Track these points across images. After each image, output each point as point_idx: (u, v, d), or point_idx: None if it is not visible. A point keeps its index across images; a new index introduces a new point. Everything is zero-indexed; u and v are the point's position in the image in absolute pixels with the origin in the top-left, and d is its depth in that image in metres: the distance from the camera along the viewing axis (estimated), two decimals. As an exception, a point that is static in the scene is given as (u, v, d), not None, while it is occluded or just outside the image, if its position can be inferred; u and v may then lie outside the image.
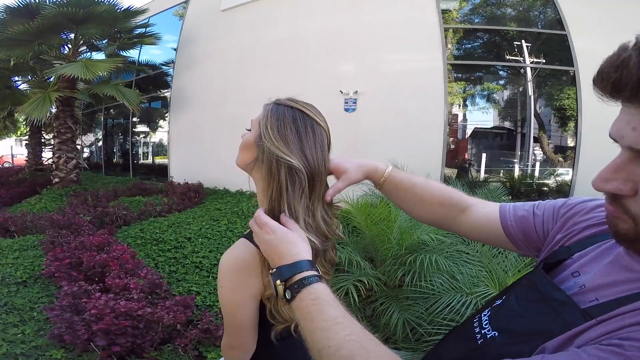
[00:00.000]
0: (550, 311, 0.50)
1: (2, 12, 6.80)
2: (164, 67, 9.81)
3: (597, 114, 5.53)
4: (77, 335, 2.13)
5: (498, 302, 0.62)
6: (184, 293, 2.74)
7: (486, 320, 0.59)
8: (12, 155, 16.92)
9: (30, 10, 6.62)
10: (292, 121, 0.77)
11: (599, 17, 5.83)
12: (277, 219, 0.73)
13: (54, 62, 7.27)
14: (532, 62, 6.11)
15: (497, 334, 0.55)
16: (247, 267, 0.74)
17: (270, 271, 0.67)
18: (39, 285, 3.12)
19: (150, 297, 2.55)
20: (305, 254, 0.66)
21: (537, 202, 0.72)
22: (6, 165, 15.98)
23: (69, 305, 2.43)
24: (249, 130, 0.85)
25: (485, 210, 0.76)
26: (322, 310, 0.58)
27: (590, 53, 5.64)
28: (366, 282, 2.28)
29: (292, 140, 0.75)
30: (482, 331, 0.57)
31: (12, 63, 6.93)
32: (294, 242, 0.67)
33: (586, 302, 0.49)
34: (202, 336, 2.18)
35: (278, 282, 0.64)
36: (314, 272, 0.64)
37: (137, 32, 8.21)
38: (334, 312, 0.57)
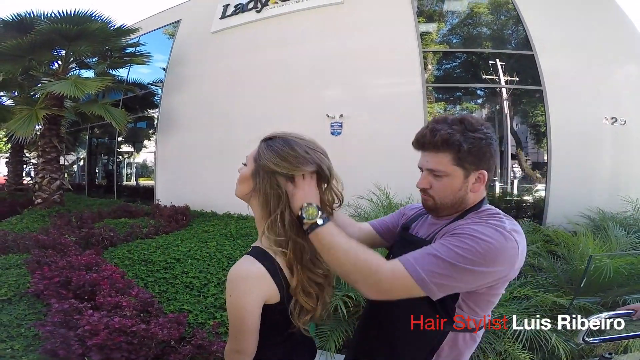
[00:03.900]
0: (411, 246, 1.02)
1: None
2: (152, 86, 10.04)
3: (565, 132, 6.02)
4: (72, 350, 2.26)
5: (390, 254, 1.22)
6: (175, 312, 2.88)
7: None
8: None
9: (25, 25, 6.89)
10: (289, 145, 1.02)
11: (563, 37, 6.41)
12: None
13: (43, 78, 7.45)
14: (504, 82, 6.62)
15: None
16: (252, 277, 0.96)
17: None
18: (24, 303, 3.20)
19: (142, 315, 2.69)
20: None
21: (387, 216, 1.38)
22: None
23: (61, 322, 2.56)
24: (245, 164, 1.07)
25: (365, 229, 1.34)
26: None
27: (555, 72, 6.19)
28: (354, 298, 2.49)
29: (296, 154, 1.00)
30: None
31: (1, 78, 7.10)
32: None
33: (424, 238, 1.11)
34: (195, 352, 2.33)
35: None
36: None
37: (127, 50, 8.50)
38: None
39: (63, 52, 7.46)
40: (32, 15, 7.00)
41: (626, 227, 4.33)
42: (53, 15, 6.97)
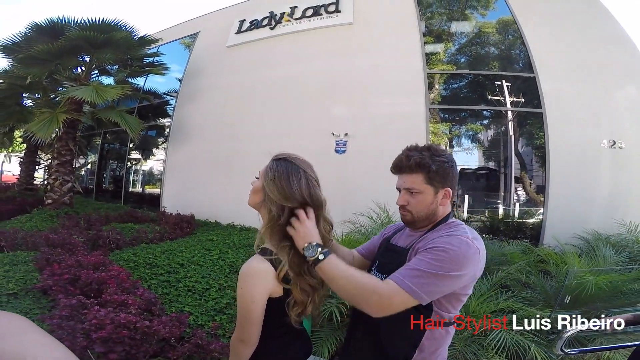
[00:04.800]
0: (398, 255, 1.31)
1: (29, 28, 7.42)
2: (166, 96, 10.38)
3: (564, 154, 6.10)
4: (77, 342, 2.40)
5: (374, 266, 1.43)
6: (177, 312, 3.01)
7: (376, 272, 1.37)
8: (1, 172, 17.11)
9: (55, 30, 7.27)
10: (286, 172, 1.22)
11: (564, 60, 6.55)
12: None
13: (65, 82, 7.78)
14: (505, 105, 6.77)
15: (384, 275, 1.25)
16: (261, 273, 1.15)
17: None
18: (30, 297, 3.34)
19: (144, 314, 2.83)
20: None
21: (370, 241, 1.65)
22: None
23: (68, 316, 2.70)
24: (258, 178, 1.28)
25: (356, 255, 1.61)
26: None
27: (555, 94, 6.32)
28: (348, 305, 2.62)
29: (284, 186, 1.19)
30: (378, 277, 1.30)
31: (28, 81, 7.39)
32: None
33: (404, 247, 1.33)
34: (194, 350, 2.45)
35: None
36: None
37: (147, 60, 8.86)
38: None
39: (87, 59, 7.77)
40: (64, 22, 7.37)
41: (618, 248, 4.44)
42: (83, 22, 7.34)
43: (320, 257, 1.14)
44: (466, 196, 7.10)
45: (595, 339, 2.02)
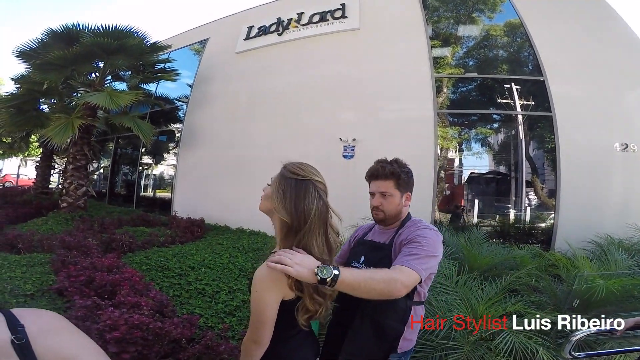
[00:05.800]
0: (379, 250, 1.67)
1: (46, 34, 7.60)
2: (177, 102, 10.54)
3: (575, 158, 6.02)
4: (92, 341, 2.47)
5: (356, 263, 1.70)
6: (188, 314, 3.07)
7: (363, 267, 1.64)
8: (18, 175, 17.49)
9: (71, 36, 7.43)
10: (295, 186, 1.24)
11: (573, 63, 6.49)
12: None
13: (80, 88, 7.96)
14: (515, 108, 6.72)
15: (372, 267, 1.58)
16: (275, 277, 1.18)
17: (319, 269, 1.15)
18: (46, 298, 3.43)
19: (157, 315, 2.89)
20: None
21: (343, 249, 1.89)
22: (7, 184, 16.51)
23: (83, 317, 2.78)
24: (270, 185, 1.32)
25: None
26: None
27: (565, 98, 6.26)
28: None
29: (288, 199, 1.22)
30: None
31: (45, 86, 7.55)
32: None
33: (385, 243, 1.70)
34: (204, 351, 2.50)
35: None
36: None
37: (159, 66, 9.01)
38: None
39: (101, 65, 7.91)
40: (79, 28, 7.53)
41: (631, 252, 4.42)
42: (97, 28, 7.50)
43: (336, 272, 1.15)
44: (476, 200, 7.07)
45: (606, 343, 2.01)
